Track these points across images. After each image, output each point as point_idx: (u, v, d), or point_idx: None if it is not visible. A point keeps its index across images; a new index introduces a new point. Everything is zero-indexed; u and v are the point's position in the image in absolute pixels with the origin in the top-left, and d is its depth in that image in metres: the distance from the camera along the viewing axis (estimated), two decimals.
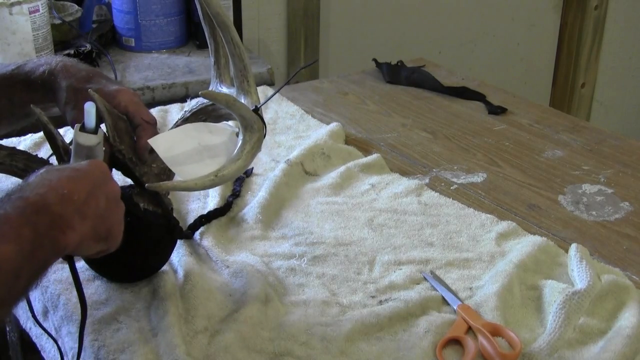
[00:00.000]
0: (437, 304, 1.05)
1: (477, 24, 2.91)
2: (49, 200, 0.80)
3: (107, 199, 0.87)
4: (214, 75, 1.11)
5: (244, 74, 1.02)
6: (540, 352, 0.95)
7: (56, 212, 0.80)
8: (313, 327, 0.99)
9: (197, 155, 1.01)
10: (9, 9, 1.84)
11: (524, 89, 3.02)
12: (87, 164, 0.89)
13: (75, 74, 1.06)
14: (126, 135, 1.01)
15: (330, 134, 1.47)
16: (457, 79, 1.85)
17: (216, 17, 1.00)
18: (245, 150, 0.99)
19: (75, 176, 0.85)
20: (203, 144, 1.02)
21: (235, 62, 1.01)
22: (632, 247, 1.20)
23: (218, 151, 1.02)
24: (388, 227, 1.23)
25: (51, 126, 0.99)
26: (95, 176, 0.87)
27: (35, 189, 0.81)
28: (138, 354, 0.94)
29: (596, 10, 3.00)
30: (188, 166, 1.00)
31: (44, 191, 0.81)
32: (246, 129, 1.00)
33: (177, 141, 1.02)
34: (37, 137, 1.46)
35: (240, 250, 1.16)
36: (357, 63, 2.40)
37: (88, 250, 0.89)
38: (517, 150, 1.51)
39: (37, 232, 0.78)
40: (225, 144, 1.03)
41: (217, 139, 1.03)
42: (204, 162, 1.00)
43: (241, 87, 1.03)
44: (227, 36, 1.00)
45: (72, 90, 1.04)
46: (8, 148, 1.01)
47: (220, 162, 1.00)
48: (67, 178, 0.84)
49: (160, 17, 2.16)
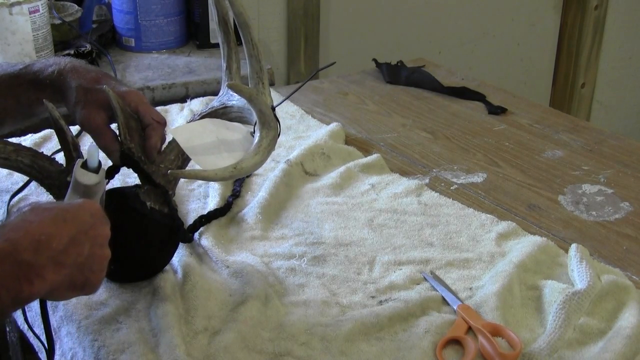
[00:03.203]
0: (437, 304, 1.05)
1: (477, 24, 2.90)
2: (20, 247, 0.76)
3: (91, 245, 0.83)
4: (224, 80, 1.11)
5: (259, 76, 1.04)
6: (540, 352, 0.95)
7: (26, 260, 0.76)
8: (313, 327, 0.99)
9: (215, 147, 1.03)
10: (9, 9, 1.84)
11: (524, 89, 3.02)
12: (78, 205, 0.85)
13: (85, 75, 1.06)
14: (136, 133, 1.02)
15: (330, 134, 1.47)
16: (457, 79, 1.85)
17: (238, 17, 1.02)
18: (262, 145, 1.01)
19: (60, 219, 0.81)
20: (221, 137, 1.04)
21: (252, 63, 1.03)
22: (632, 247, 1.20)
23: (235, 146, 1.04)
24: (388, 227, 1.23)
25: (62, 122, 1.00)
26: (82, 220, 0.83)
27: (9, 233, 0.77)
28: (138, 354, 0.94)
29: (596, 10, 2.99)
30: (207, 157, 1.01)
31: (17, 236, 0.77)
32: (263, 126, 1.01)
33: (196, 133, 1.04)
34: (37, 137, 1.46)
35: (240, 250, 1.16)
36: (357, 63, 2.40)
37: (59, 297, 0.87)
38: (517, 150, 1.51)
39: None
40: (241, 141, 1.05)
41: (233, 135, 1.05)
42: (222, 154, 1.02)
43: (256, 88, 1.04)
44: (247, 36, 1.02)
45: (82, 90, 1.04)
46: (14, 144, 1.01)
47: (237, 156, 1.01)
48: (50, 221, 0.80)
49: (160, 17, 2.15)
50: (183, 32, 2.22)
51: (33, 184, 1.31)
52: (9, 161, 1.00)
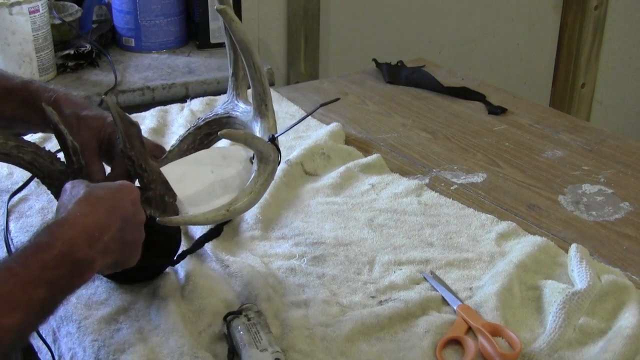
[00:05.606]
0: (437, 304, 1.05)
1: (477, 24, 2.90)
2: (77, 246, 0.82)
3: (133, 230, 0.91)
4: (230, 87, 1.11)
5: (262, 98, 1.03)
6: (540, 352, 0.95)
7: (81, 257, 0.83)
8: (313, 328, 0.99)
9: (209, 187, 1.01)
10: (9, 9, 1.84)
11: (524, 89, 3.02)
12: (122, 192, 0.92)
13: (77, 104, 1.10)
14: (136, 140, 1.01)
15: (330, 134, 1.47)
16: (457, 79, 1.85)
17: (240, 43, 1.01)
18: (258, 183, 0.99)
19: (110, 210, 0.88)
20: (216, 172, 1.02)
21: (255, 85, 1.03)
22: (632, 247, 1.20)
23: (231, 181, 1.03)
24: (388, 227, 1.23)
25: (62, 126, 1.00)
26: (126, 209, 0.90)
27: (68, 231, 0.83)
28: (138, 354, 0.94)
29: (596, 10, 2.99)
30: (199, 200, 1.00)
31: (74, 234, 0.83)
32: (261, 161, 1.01)
33: (189, 170, 1.02)
34: (37, 138, 1.46)
35: (240, 250, 1.16)
36: (357, 63, 2.40)
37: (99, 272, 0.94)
38: (517, 150, 1.51)
39: (53, 288, 0.80)
40: (239, 173, 1.04)
41: (230, 168, 1.04)
42: (216, 194, 1.01)
43: (259, 109, 1.04)
44: (249, 61, 1.01)
45: (75, 118, 1.07)
46: (16, 139, 1.01)
47: (232, 195, 0.99)
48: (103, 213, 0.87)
49: (160, 17, 2.15)
50: (183, 32, 2.22)
51: (33, 184, 1.31)
52: (10, 157, 1.00)
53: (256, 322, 0.95)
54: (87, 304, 1.04)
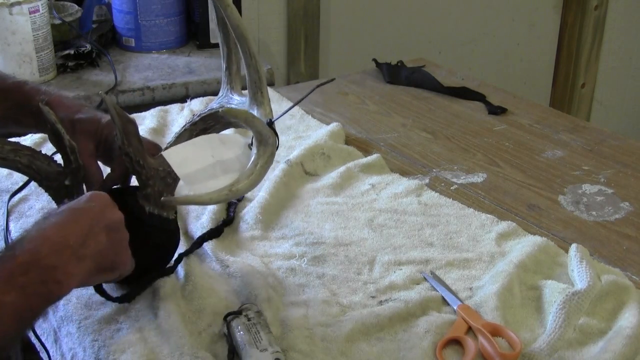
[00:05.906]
0: (437, 304, 1.05)
1: (477, 24, 2.90)
2: (41, 254, 0.82)
3: (107, 232, 0.89)
4: (224, 81, 1.11)
5: (258, 86, 1.03)
6: (540, 352, 0.95)
7: (49, 264, 0.82)
8: (313, 328, 0.99)
9: (210, 169, 1.01)
10: (9, 9, 1.84)
11: (524, 89, 3.02)
12: (86, 199, 0.91)
13: (71, 107, 1.09)
14: (134, 137, 1.01)
15: (330, 134, 1.47)
16: (457, 79, 1.85)
17: (235, 30, 1.00)
18: (258, 164, 0.99)
19: (71, 218, 0.87)
20: (216, 156, 1.02)
21: (250, 73, 1.02)
22: (632, 247, 1.20)
23: (231, 164, 1.02)
24: (388, 227, 1.23)
25: (59, 125, 1.00)
26: (94, 212, 0.89)
27: (28, 245, 0.83)
28: (138, 354, 0.94)
29: (596, 10, 2.99)
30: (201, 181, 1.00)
31: (35, 245, 0.83)
32: (260, 144, 1.00)
33: (190, 155, 1.02)
34: (37, 138, 1.46)
35: (240, 250, 1.16)
36: (357, 63, 2.40)
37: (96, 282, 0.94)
38: (517, 150, 1.51)
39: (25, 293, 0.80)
40: (238, 157, 1.04)
41: (230, 152, 1.04)
42: (217, 176, 1.01)
43: (255, 97, 1.04)
44: (244, 47, 1.01)
45: (70, 122, 1.07)
46: (12, 143, 1.01)
47: (233, 176, 1.00)
48: (63, 222, 0.86)
49: (160, 17, 2.15)
50: (183, 32, 2.22)
51: (33, 184, 1.31)
52: (7, 161, 1.00)
53: (256, 322, 0.95)
54: (87, 304, 1.04)
